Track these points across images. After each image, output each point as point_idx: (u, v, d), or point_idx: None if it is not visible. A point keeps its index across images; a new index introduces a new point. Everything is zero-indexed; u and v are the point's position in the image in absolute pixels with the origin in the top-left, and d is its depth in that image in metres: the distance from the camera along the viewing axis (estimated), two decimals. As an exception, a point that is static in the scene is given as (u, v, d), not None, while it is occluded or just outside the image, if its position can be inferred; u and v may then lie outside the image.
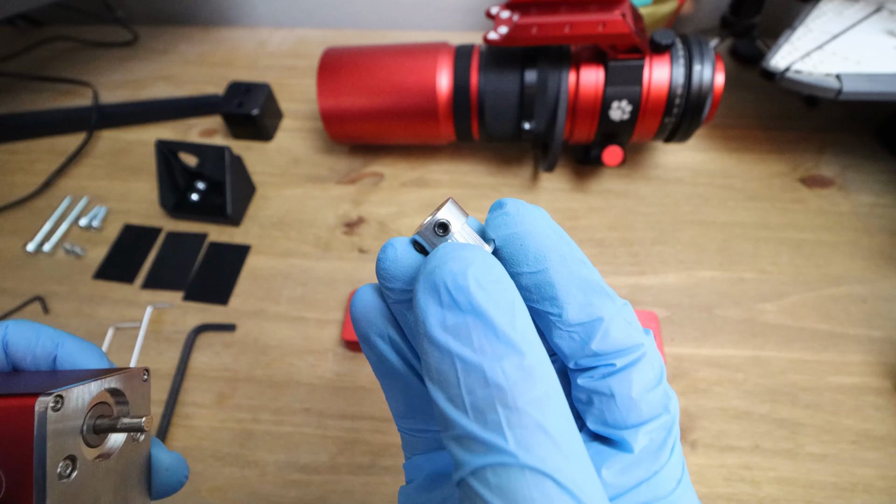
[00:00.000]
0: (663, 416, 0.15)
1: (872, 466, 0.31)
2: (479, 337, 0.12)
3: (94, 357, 0.20)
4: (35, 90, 0.58)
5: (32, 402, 0.14)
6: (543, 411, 0.11)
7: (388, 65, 0.43)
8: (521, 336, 0.12)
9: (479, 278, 0.12)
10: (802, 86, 0.39)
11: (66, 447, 0.15)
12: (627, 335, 0.15)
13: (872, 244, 0.41)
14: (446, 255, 0.13)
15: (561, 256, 0.15)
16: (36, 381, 0.17)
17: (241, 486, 0.32)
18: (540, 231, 0.15)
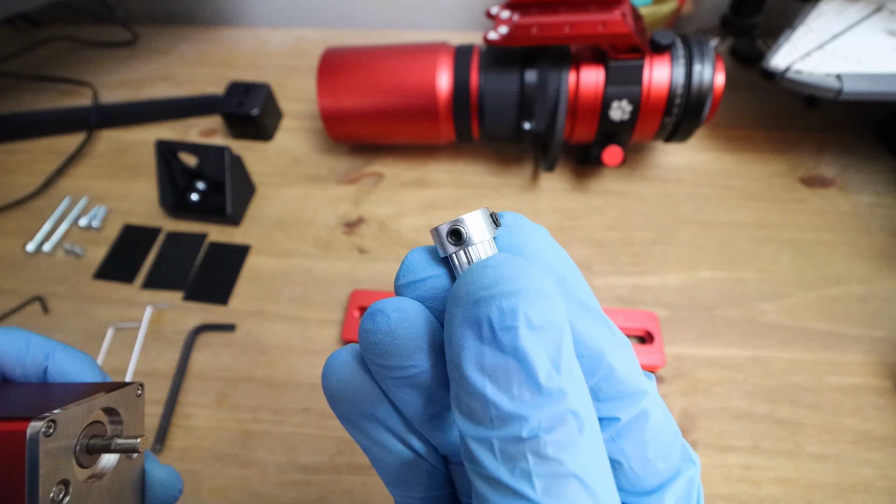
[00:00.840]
0: (689, 470, 0.13)
1: (873, 466, 0.31)
2: (519, 385, 0.11)
3: (86, 368, 0.19)
4: (35, 90, 0.58)
5: (24, 426, 0.14)
6: (579, 461, 0.11)
7: (388, 65, 0.43)
8: (566, 380, 0.11)
9: (530, 317, 0.11)
10: (802, 86, 0.39)
11: (58, 472, 0.15)
12: (631, 378, 0.13)
13: (872, 244, 0.41)
14: (497, 284, 0.11)
15: (559, 277, 0.13)
16: (26, 397, 0.17)
17: (241, 486, 0.32)
18: (538, 246, 0.13)
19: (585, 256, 0.41)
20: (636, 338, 0.37)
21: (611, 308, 0.37)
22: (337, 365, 0.14)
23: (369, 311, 0.13)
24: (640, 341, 0.36)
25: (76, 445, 0.16)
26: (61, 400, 0.16)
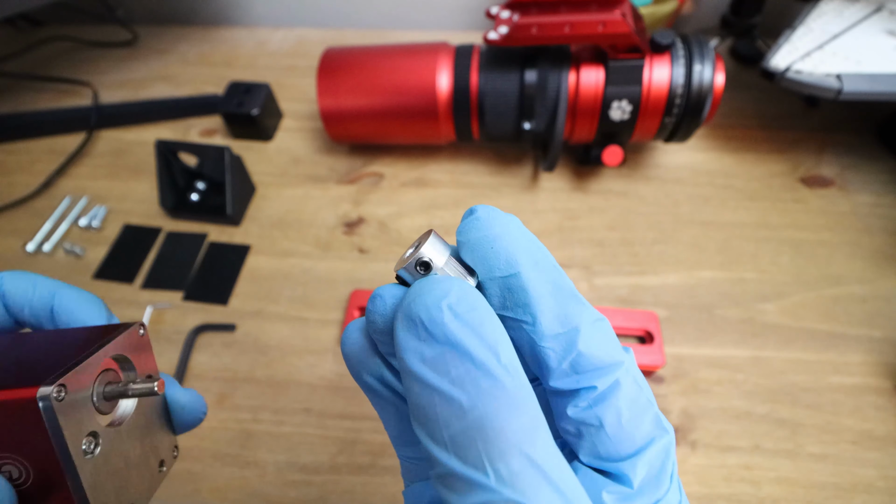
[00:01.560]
0: (662, 438, 0.14)
1: (873, 466, 0.31)
2: (456, 368, 0.12)
3: (92, 307, 0.19)
4: (35, 90, 0.58)
5: (33, 393, 0.14)
6: (529, 442, 0.11)
7: (388, 65, 0.43)
8: (501, 364, 0.12)
9: (454, 308, 0.12)
10: (802, 86, 0.39)
11: (83, 426, 0.15)
12: (606, 351, 0.14)
13: (872, 244, 0.41)
14: (421, 289, 0.13)
15: (534, 261, 0.14)
16: (32, 354, 0.17)
17: (241, 486, 0.32)
18: (511, 234, 0.14)
19: (585, 256, 0.41)
20: (636, 338, 0.37)
21: (611, 308, 0.37)
22: (350, 333, 0.16)
23: (371, 296, 0.15)
24: (640, 341, 0.36)
25: (92, 397, 0.16)
26: (67, 354, 0.16)
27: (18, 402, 0.14)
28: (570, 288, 0.14)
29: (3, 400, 0.14)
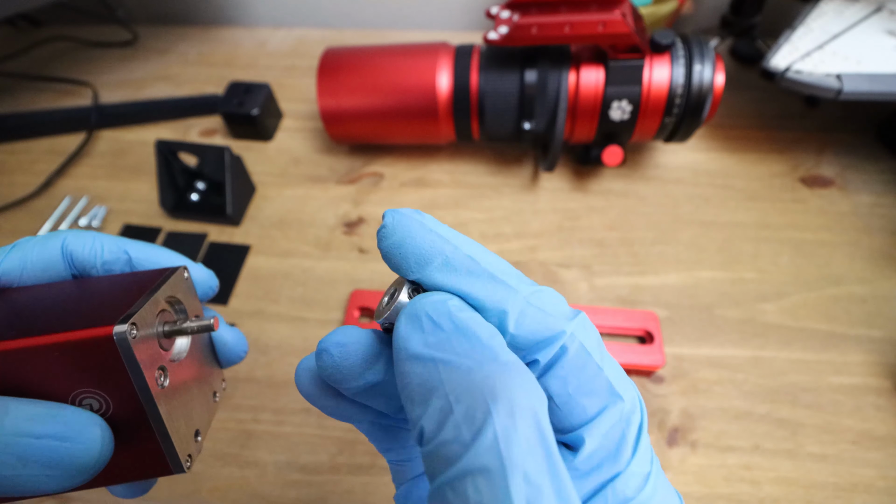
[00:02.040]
0: (615, 406, 0.14)
1: (873, 466, 0.31)
2: (463, 346, 0.12)
3: (167, 253, 0.21)
4: (35, 90, 0.58)
5: (109, 332, 0.15)
6: (539, 406, 0.11)
7: (388, 65, 0.43)
8: (505, 349, 0.12)
9: (459, 306, 0.13)
10: (802, 86, 0.39)
11: (154, 361, 0.16)
12: (543, 325, 0.14)
13: (873, 244, 0.41)
14: (426, 294, 0.14)
15: (444, 257, 0.14)
16: (94, 297, 0.18)
17: (241, 486, 0.32)
18: (416, 234, 0.14)
19: (585, 256, 0.41)
20: (636, 338, 0.37)
21: (611, 308, 0.37)
22: (301, 374, 0.16)
23: (317, 350, 0.15)
24: (640, 341, 0.36)
25: (156, 335, 0.17)
26: (127, 296, 0.17)
27: (95, 340, 0.15)
28: (489, 273, 0.14)
29: (80, 339, 0.15)
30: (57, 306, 0.17)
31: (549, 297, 0.14)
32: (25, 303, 0.18)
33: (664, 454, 0.32)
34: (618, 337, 0.37)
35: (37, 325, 0.16)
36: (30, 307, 0.18)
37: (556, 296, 0.15)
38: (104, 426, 0.15)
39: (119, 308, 0.16)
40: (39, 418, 0.14)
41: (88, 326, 0.15)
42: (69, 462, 0.14)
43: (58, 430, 0.14)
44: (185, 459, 0.17)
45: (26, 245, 0.19)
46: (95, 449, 0.15)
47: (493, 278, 0.14)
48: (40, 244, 0.19)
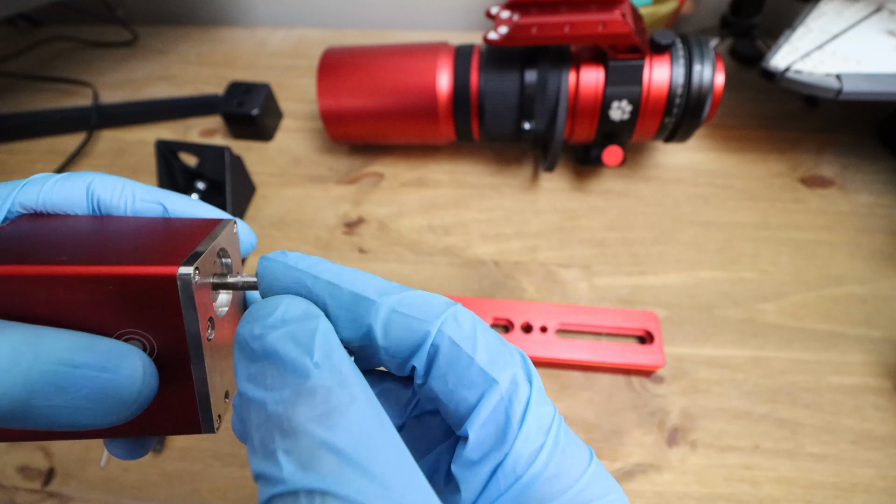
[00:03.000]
0: (491, 390, 0.14)
1: (873, 466, 0.31)
2: (272, 376, 0.12)
3: (201, 205, 0.20)
4: (35, 90, 0.58)
5: (173, 272, 0.14)
6: (329, 427, 0.11)
7: (388, 65, 0.43)
8: (313, 361, 0.12)
9: (275, 324, 0.13)
10: (802, 86, 0.39)
11: (206, 311, 0.16)
12: (409, 329, 0.14)
13: (872, 244, 0.41)
14: (248, 313, 0.14)
15: (306, 289, 0.15)
16: (150, 237, 0.17)
17: (241, 486, 0.32)
18: (280, 275, 0.15)
19: (585, 256, 0.41)
20: (636, 338, 0.37)
21: (611, 308, 0.37)
22: None
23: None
24: (640, 341, 0.36)
25: (211, 286, 0.16)
26: (184, 240, 0.16)
27: (157, 277, 0.14)
28: (350, 293, 0.15)
29: (142, 274, 0.14)
30: (105, 239, 0.16)
31: (415, 299, 0.15)
32: (68, 231, 0.17)
33: (664, 454, 0.32)
34: (618, 337, 0.37)
35: (87, 255, 0.15)
36: (73, 236, 0.17)
37: (424, 296, 0.15)
38: (147, 360, 0.15)
39: (178, 250, 0.15)
40: (78, 348, 0.14)
41: (149, 263, 0.14)
42: (110, 394, 0.14)
43: (97, 360, 0.14)
44: (216, 419, 0.17)
45: (45, 181, 0.18)
46: (137, 381, 0.14)
47: (355, 297, 0.15)
48: (62, 182, 0.18)
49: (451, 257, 0.42)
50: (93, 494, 0.32)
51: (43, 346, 0.13)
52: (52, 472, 0.33)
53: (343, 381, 0.12)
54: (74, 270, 0.14)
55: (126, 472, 0.33)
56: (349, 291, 0.15)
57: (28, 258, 0.14)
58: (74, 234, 0.17)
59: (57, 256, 0.14)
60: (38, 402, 0.13)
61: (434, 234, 0.43)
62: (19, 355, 0.13)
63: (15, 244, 0.16)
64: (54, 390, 0.13)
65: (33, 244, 0.16)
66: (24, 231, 0.17)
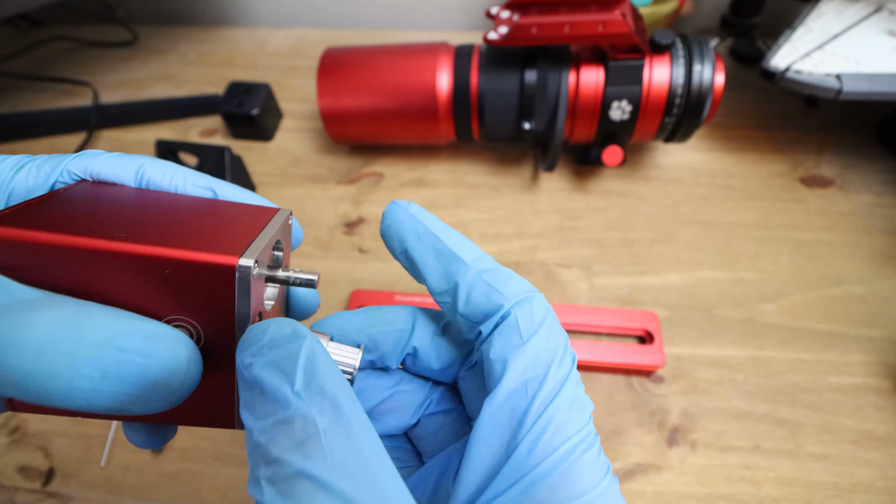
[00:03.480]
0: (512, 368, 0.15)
1: (873, 466, 0.31)
2: (259, 405, 0.13)
3: (250, 194, 0.20)
4: (35, 90, 0.58)
5: (233, 262, 0.14)
6: (305, 455, 0.12)
7: (388, 65, 0.43)
8: (297, 387, 0.13)
9: (262, 350, 0.13)
10: (802, 86, 0.39)
11: (258, 304, 0.16)
12: (487, 298, 0.16)
13: (872, 244, 0.41)
14: (242, 341, 0.14)
15: (416, 235, 0.17)
16: (205, 221, 0.17)
17: (241, 486, 0.32)
18: (398, 218, 0.18)
19: (585, 256, 0.41)
20: (636, 338, 0.37)
21: (611, 308, 0.37)
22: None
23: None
24: (640, 341, 0.36)
25: (265, 277, 0.16)
26: (241, 228, 0.16)
27: (217, 266, 0.14)
28: (450, 251, 0.17)
29: (202, 261, 0.14)
30: (163, 218, 0.16)
31: (502, 275, 0.17)
32: (125, 203, 0.16)
33: (664, 454, 0.32)
34: (618, 337, 0.37)
35: (147, 234, 0.14)
36: (131, 210, 0.16)
37: (511, 276, 0.17)
38: (193, 349, 0.14)
39: (236, 238, 0.15)
40: (125, 330, 0.13)
41: (209, 250, 0.14)
42: (152, 382, 0.13)
43: (144, 345, 0.13)
44: None
45: (96, 158, 0.18)
46: (181, 372, 0.14)
47: (453, 255, 0.17)
48: (112, 161, 0.18)
49: (451, 257, 0.42)
50: (93, 494, 0.32)
51: (90, 325, 0.13)
52: (52, 472, 0.33)
53: (322, 407, 0.12)
54: (134, 249, 0.14)
55: (126, 472, 0.33)
56: (449, 248, 0.17)
57: (86, 229, 0.14)
58: (132, 209, 0.16)
59: (116, 231, 0.14)
60: (81, 385, 0.12)
61: (434, 234, 0.43)
62: (65, 334, 0.12)
63: (74, 210, 0.15)
64: (98, 374, 0.13)
65: (91, 212, 0.15)
66: (82, 196, 0.16)
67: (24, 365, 0.12)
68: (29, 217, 0.14)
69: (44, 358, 0.12)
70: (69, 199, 0.16)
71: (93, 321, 0.13)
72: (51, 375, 0.12)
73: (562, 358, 0.15)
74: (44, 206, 0.15)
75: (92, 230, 0.14)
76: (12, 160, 0.17)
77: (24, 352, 0.12)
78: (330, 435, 0.12)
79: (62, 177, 0.17)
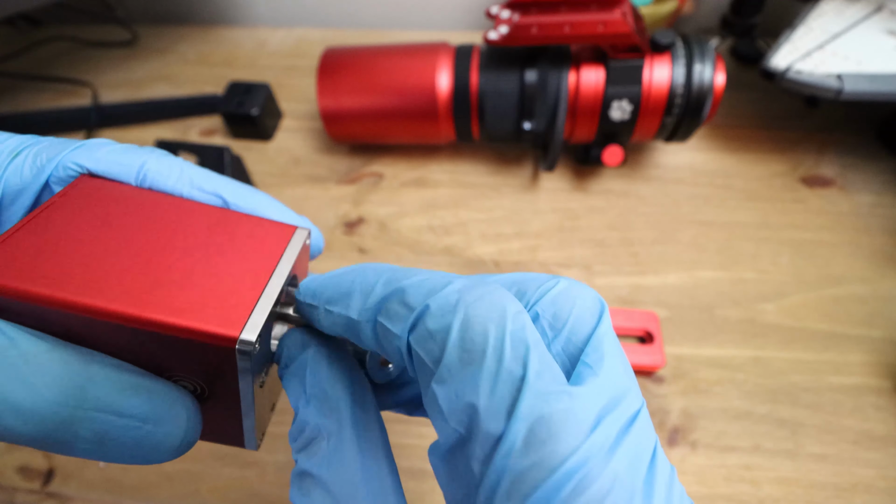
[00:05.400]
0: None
1: (873, 466, 0.31)
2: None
3: (266, 200, 0.19)
4: (35, 90, 0.58)
5: (233, 338, 0.13)
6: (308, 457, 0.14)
7: (388, 65, 0.43)
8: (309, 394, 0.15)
9: (284, 364, 0.17)
10: (803, 86, 0.39)
11: (264, 366, 0.16)
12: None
13: (873, 244, 0.41)
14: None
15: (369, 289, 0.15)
16: (211, 254, 0.16)
17: (241, 486, 0.32)
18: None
19: (585, 256, 0.41)
20: (636, 338, 0.37)
21: (611, 308, 0.37)
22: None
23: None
24: (640, 341, 0.36)
25: (271, 333, 0.16)
26: (246, 273, 0.15)
27: (214, 339, 0.14)
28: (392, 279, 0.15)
29: (199, 331, 0.13)
30: (161, 255, 0.15)
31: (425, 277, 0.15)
32: (123, 230, 0.15)
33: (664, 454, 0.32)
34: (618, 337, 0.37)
35: (140, 286, 0.14)
36: (127, 243, 0.15)
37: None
38: (193, 410, 0.14)
39: (242, 293, 0.14)
40: (126, 390, 0.13)
41: (207, 315, 0.14)
42: (149, 444, 0.13)
43: (143, 409, 0.13)
44: (258, 437, 0.17)
45: (98, 150, 0.17)
46: (178, 436, 0.14)
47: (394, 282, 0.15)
48: (116, 154, 0.17)
49: (451, 257, 0.42)
50: (93, 495, 0.32)
51: (91, 387, 0.13)
52: (52, 473, 0.33)
53: (325, 411, 0.14)
54: (127, 311, 0.13)
55: (126, 473, 0.33)
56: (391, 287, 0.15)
57: (78, 280, 0.13)
58: (130, 237, 0.15)
59: (111, 278, 0.14)
60: (79, 445, 0.13)
61: (434, 234, 0.43)
62: (65, 400, 0.12)
63: (67, 242, 0.14)
64: (93, 437, 0.13)
65: (86, 248, 0.14)
66: (76, 215, 0.15)
67: (22, 428, 0.12)
68: (22, 255, 0.14)
69: (43, 425, 0.12)
70: (62, 220, 0.15)
71: (94, 383, 0.13)
72: (49, 437, 0.12)
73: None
74: (37, 233, 0.14)
75: (84, 280, 0.13)
76: (13, 142, 0.17)
77: (26, 419, 0.12)
78: (331, 439, 0.14)
79: (57, 171, 0.17)
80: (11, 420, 0.12)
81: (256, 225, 0.18)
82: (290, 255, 0.17)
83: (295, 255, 0.17)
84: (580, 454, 0.10)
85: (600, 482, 0.10)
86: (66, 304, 0.13)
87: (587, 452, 0.10)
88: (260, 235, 0.17)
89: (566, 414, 0.10)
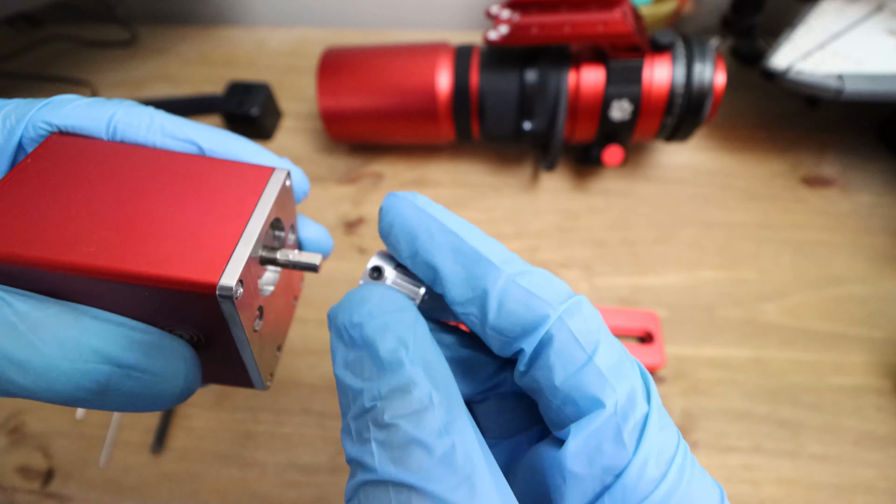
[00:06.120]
0: (605, 399, 0.12)
1: (874, 467, 0.31)
2: (368, 367, 0.12)
3: (243, 143, 0.18)
4: (35, 90, 0.58)
5: (213, 282, 0.13)
6: (418, 424, 0.11)
7: (388, 65, 0.43)
8: (408, 356, 0.12)
9: (373, 313, 0.13)
10: (803, 86, 0.39)
11: (252, 307, 0.15)
12: (525, 305, 0.13)
13: (873, 244, 0.41)
14: (345, 299, 0.14)
15: (429, 233, 0.14)
16: (189, 197, 0.15)
17: (240, 486, 0.32)
18: (405, 213, 0.15)
19: (585, 256, 0.41)
20: (636, 338, 0.37)
21: (611, 308, 0.37)
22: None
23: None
24: (640, 341, 0.36)
25: (257, 273, 0.15)
26: (224, 216, 0.15)
27: (195, 286, 0.13)
28: (474, 250, 0.14)
29: (178, 280, 0.13)
30: (137, 206, 0.15)
31: (539, 278, 0.13)
32: (96, 184, 0.15)
33: (665, 455, 0.32)
34: (618, 337, 0.36)
35: (117, 239, 0.13)
36: (101, 198, 0.15)
37: (549, 278, 0.14)
38: (191, 359, 0.14)
39: (221, 236, 0.14)
40: (123, 342, 0.13)
41: (187, 263, 0.13)
42: (151, 394, 0.14)
43: (142, 360, 0.13)
44: (266, 378, 0.17)
45: (65, 106, 0.17)
46: (179, 385, 0.14)
47: (478, 256, 0.14)
48: (83, 108, 0.17)
49: (452, 257, 0.42)
50: (92, 495, 0.32)
51: (87, 338, 0.13)
52: (52, 473, 0.33)
53: (435, 380, 0.12)
54: (107, 266, 0.13)
55: (126, 473, 0.33)
56: (472, 248, 0.14)
57: (56, 239, 0.13)
58: (104, 191, 0.15)
59: (88, 236, 0.13)
60: (81, 395, 0.13)
61: (434, 234, 0.43)
62: (63, 353, 0.12)
63: (44, 202, 0.14)
64: (96, 387, 0.13)
65: (61, 206, 0.14)
66: (49, 172, 0.15)
67: (28, 384, 0.12)
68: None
69: (46, 379, 0.12)
70: (34, 180, 0.15)
71: (89, 335, 0.13)
72: (52, 390, 0.12)
73: (633, 374, 0.13)
74: (10, 196, 0.14)
75: (60, 238, 0.13)
76: None
77: (27, 371, 0.12)
78: (442, 410, 0.12)
79: (28, 132, 0.16)
80: (16, 376, 0.12)
81: (233, 169, 0.17)
82: (269, 196, 0.16)
83: (273, 196, 0.16)
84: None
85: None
86: (44, 263, 0.13)
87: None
88: (236, 179, 0.16)
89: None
